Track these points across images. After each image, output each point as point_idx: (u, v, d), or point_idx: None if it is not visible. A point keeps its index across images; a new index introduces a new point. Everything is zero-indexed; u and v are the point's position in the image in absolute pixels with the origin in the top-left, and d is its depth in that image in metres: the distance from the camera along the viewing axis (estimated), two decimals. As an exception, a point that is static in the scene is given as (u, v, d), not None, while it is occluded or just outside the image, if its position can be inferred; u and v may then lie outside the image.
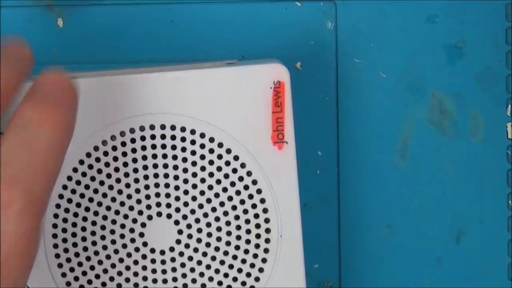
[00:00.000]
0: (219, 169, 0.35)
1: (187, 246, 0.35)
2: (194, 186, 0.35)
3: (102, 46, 0.40)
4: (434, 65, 0.40)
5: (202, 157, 0.34)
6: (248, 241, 0.35)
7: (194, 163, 0.34)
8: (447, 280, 0.41)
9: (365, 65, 0.40)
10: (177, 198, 0.35)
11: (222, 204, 0.35)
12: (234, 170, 0.35)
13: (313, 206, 0.40)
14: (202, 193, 0.35)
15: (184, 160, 0.34)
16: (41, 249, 0.35)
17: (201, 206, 0.35)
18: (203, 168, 0.34)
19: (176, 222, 0.35)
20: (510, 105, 0.40)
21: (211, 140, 0.34)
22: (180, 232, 0.35)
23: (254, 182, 0.35)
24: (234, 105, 0.34)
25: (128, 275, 0.35)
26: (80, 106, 0.34)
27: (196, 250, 0.35)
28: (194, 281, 0.35)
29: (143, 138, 0.34)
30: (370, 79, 0.40)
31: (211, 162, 0.34)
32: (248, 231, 0.35)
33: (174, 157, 0.34)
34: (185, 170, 0.34)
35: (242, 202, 0.35)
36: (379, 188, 0.41)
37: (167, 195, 0.35)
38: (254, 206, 0.35)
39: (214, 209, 0.35)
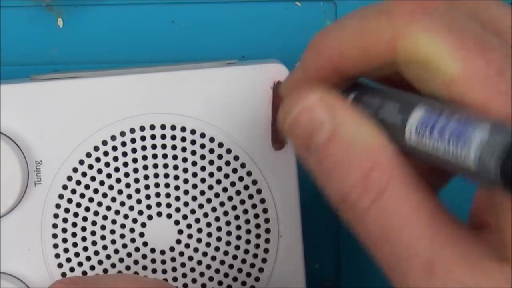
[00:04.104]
0: (219, 169, 0.35)
1: (187, 246, 0.35)
2: (194, 186, 0.35)
3: (102, 46, 0.40)
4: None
5: (202, 157, 0.34)
6: (248, 241, 0.35)
7: (194, 163, 0.34)
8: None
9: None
10: (177, 198, 0.35)
11: (222, 204, 0.35)
12: (234, 170, 0.35)
13: (313, 206, 0.40)
14: (202, 193, 0.35)
15: (184, 160, 0.34)
16: (41, 249, 0.35)
17: (201, 206, 0.35)
18: (203, 168, 0.34)
19: (176, 222, 0.35)
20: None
21: (211, 140, 0.34)
22: (180, 232, 0.35)
23: (254, 182, 0.35)
24: (234, 105, 0.34)
25: (128, 275, 0.35)
26: (80, 106, 0.34)
27: (196, 250, 0.35)
28: (194, 281, 0.35)
29: (143, 138, 0.34)
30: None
31: (211, 162, 0.34)
32: (248, 231, 0.35)
33: (174, 157, 0.34)
34: (185, 170, 0.34)
35: (242, 202, 0.35)
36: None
37: (167, 195, 0.35)
38: (254, 206, 0.35)
39: (214, 209, 0.35)
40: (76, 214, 0.35)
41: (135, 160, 0.34)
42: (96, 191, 0.34)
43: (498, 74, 0.22)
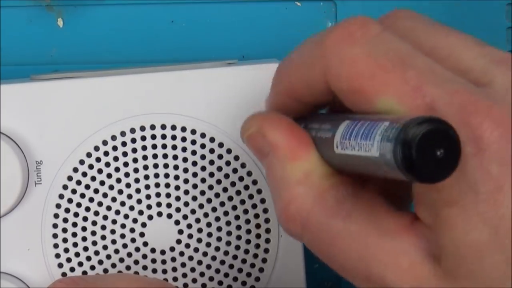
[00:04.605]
0: (219, 169, 0.35)
1: (187, 246, 0.35)
2: (195, 186, 0.35)
3: (102, 46, 0.40)
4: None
5: (203, 157, 0.34)
6: (248, 241, 0.35)
7: (194, 163, 0.34)
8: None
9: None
10: (178, 198, 0.35)
11: (222, 204, 0.35)
12: (235, 170, 0.35)
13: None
14: (202, 193, 0.35)
15: (185, 160, 0.34)
16: (41, 249, 0.35)
17: (201, 206, 0.35)
18: (203, 168, 0.34)
19: (177, 222, 0.35)
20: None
21: (212, 140, 0.34)
22: (180, 232, 0.35)
23: (254, 182, 0.35)
24: (234, 105, 0.34)
25: (128, 275, 0.35)
26: (80, 106, 0.34)
27: (196, 250, 0.35)
28: (194, 281, 0.35)
29: (143, 138, 0.34)
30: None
31: (211, 162, 0.35)
32: (248, 231, 0.35)
33: (175, 157, 0.34)
34: (185, 170, 0.34)
35: (242, 202, 0.35)
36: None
37: (168, 195, 0.35)
38: (254, 206, 0.35)
39: (214, 209, 0.35)
40: (76, 214, 0.35)
41: (135, 160, 0.34)
42: (96, 191, 0.34)
43: (414, 90, 0.24)
